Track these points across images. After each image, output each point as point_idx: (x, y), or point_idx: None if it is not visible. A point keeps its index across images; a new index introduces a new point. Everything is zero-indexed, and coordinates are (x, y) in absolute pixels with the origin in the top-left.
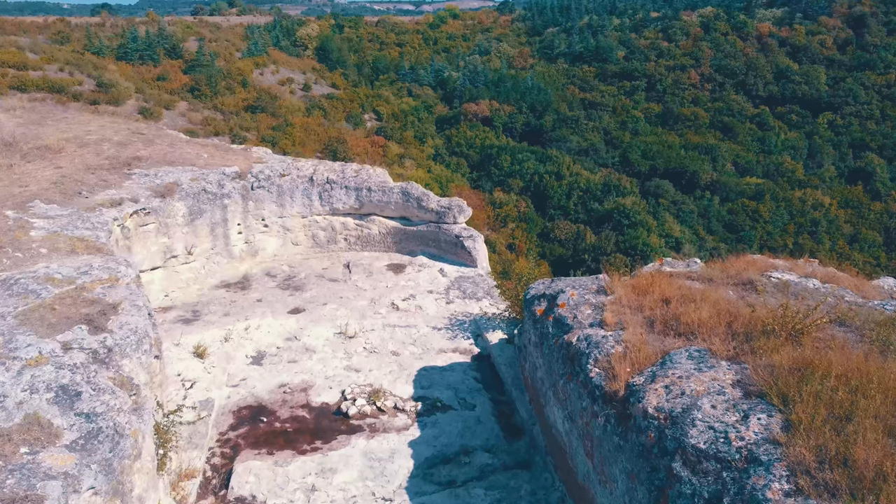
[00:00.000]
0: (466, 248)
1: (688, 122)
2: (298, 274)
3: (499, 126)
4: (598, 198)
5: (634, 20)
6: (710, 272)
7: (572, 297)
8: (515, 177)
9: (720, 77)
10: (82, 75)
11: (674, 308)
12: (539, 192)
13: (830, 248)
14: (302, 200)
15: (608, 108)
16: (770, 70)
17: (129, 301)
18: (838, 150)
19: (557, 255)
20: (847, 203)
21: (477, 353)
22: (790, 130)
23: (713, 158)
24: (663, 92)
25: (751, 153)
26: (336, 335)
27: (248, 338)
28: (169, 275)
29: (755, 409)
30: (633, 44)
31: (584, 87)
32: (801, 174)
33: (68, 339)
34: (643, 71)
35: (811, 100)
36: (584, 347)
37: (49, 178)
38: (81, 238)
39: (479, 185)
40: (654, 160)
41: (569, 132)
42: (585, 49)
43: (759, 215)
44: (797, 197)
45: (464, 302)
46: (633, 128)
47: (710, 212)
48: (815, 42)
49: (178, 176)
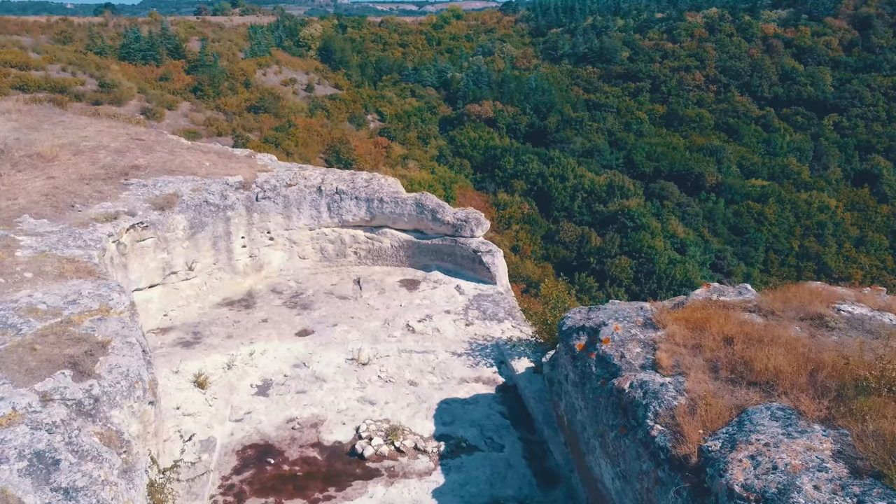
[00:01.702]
0: (485, 264)
1: (692, 123)
2: (306, 290)
3: (502, 127)
4: (602, 200)
5: (639, 21)
6: (769, 303)
7: (617, 331)
8: (519, 178)
9: (725, 78)
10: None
11: (740, 350)
12: (543, 194)
13: (837, 251)
14: (310, 212)
15: (612, 110)
16: (775, 71)
17: (121, 337)
18: (844, 153)
19: (561, 257)
20: (853, 206)
21: (501, 383)
22: (796, 132)
23: (718, 160)
24: (668, 93)
25: (756, 155)
26: (348, 361)
27: (252, 364)
28: (168, 292)
29: (871, 493)
30: (637, 45)
31: (588, 88)
32: (807, 176)
33: (48, 389)
34: (647, 72)
35: (817, 101)
36: (640, 397)
37: (40, 190)
38: (71, 258)
39: (483, 186)
40: (659, 162)
41: (573, 133)
42: (589, 50)
43: (765, 218)
44: (803, 199)
45: (484, 323)
46: (638, 129)
47: (715, 214)
48: (820, 43)
49: (178, 186)
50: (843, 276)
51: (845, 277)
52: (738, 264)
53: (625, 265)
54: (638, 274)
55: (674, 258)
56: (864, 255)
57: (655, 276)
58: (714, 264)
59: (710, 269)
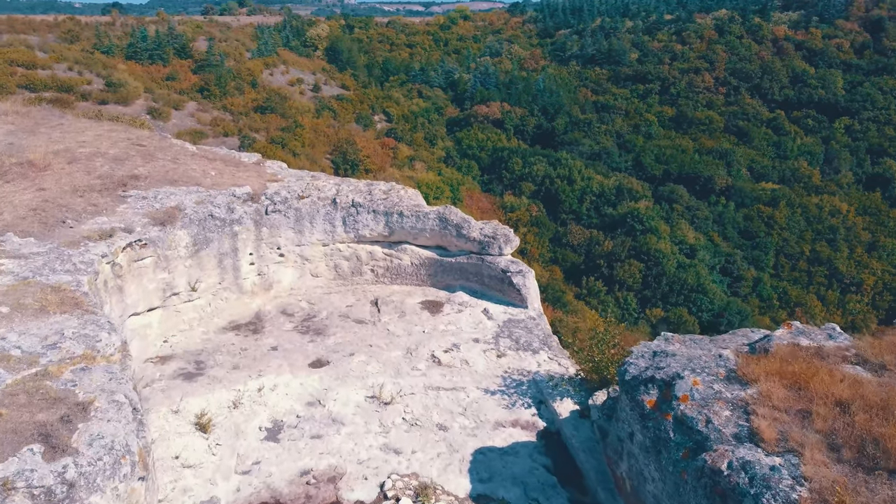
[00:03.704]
0: (515, 286)
1: (702, 125)
2: (319, 313)
3: (510, 128)
4: (610, 202)
5: (647, 22)
6: (875, 353)
7: (696, 386)
8: (527, 180)
9: (735, 80)
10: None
11: (862, 422)
12: (551, 196)
13: (848, 255)
14: (323, 226)
15: (621, 112)
16: (786, 74)
17: (107, 394)
18: (855, 156)
19: (570, 260)
20: (865, 210)
21: (543, 428)
22: (806, 135)
23: (728, 163)
24: (677, 95)
25: (766, 158)
26: (368, 399)
27: (261, 402)
28: (169, 316)
29: None
30: (646, 46)
31: (597, 89)
32: (818, 180)
33: (10, 474)
34: (656, 74)
35: (828, 104)
36: (745, 483)
37: (28, 204)
38: (57, 287)
39: (490, 188)
40: (668, 164)
41: (581, 135)
42: (598, 51)
43: (775, 222)
44: (814, 203)
45: (518, 355)
46: (647, 131)
47: (724, 218)
48: (831, 46)
49: (181, 198)
50: (855, 281)
51: (857, 283)
52: (748, 269)
53: (634, 269)
54: (647, 278)
55: (683, 262)
56: (877, 261)
57: (666, 281)
58: (724, 268)
59: (720, 273)
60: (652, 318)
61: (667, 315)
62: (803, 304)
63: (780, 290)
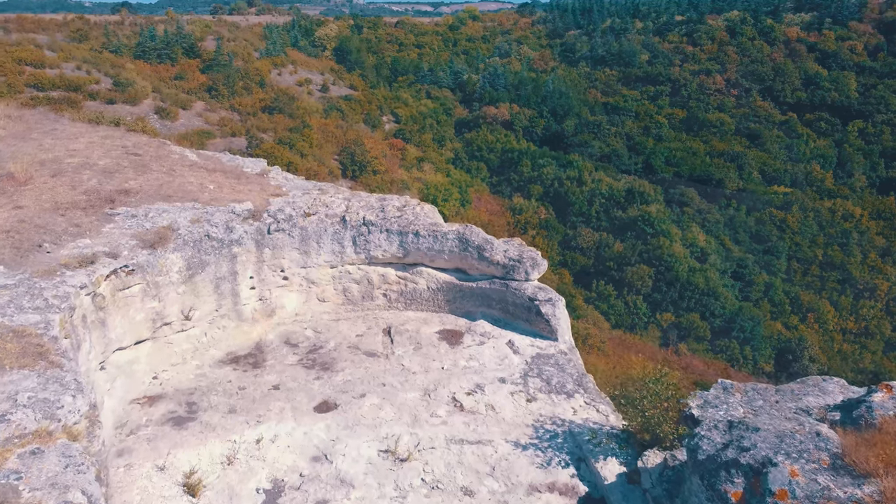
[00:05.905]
0: (544, 316)
1: (713, 128)
2: (326, 343)
3: (519, 130)
4: (621, 205)
5: (658, 23)
6: None
7: (794, 477)
8: (536, 182)
9: (746, 82)
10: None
11: None
12: (560, 199)
13: (861, 260)
14: (331, 247)
15: (631, 113)
16: (798, 76)
17: (58, 494)
18: (869, 160)
19: (579, 263)
20: (879, 214)
21: (584, 494)
22: (819, 138)
23: (739, 166)
24: (688, 97)
25: (778, 161)
26: (381, 454)
27: (259, 457)
28: (159, 348)
29: None
30: (656, 47)
31: (607, 91)
32: (831, 184)
33: None
34: (667, 75)
35: (841, 107)
36: None
37: (2, 225)
38: (21, 330)
39: (499, 190)
40: (679, 167)
41: (590, 137)
42: (608, 52)
43: (788, 226)
44: (827, 207)
45: (550, 398)
46: (657, 133)
47: (736, 221)
48: (844, 48)
49: (174, 216)
50: (868, 286)
51: (870, 288)
52: (759, 273)
53: (643, 273)
54: (657, 282)
55: (694, 266)
56: (891, 266)
57: (678, 285)
58: (735, 273)
59: (732, 277)
60: (663, 322)
61: (678, 320)
62: (816, 310)
63: (793, 296)
